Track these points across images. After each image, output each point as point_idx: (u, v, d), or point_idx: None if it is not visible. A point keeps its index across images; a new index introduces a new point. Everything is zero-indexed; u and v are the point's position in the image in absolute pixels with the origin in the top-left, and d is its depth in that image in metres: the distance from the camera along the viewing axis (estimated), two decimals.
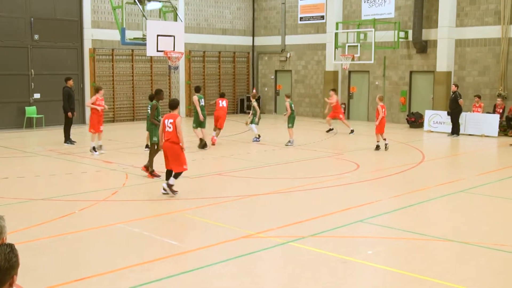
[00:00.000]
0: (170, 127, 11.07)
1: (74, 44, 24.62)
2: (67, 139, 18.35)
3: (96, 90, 17.25)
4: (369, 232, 9.18)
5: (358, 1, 26.94)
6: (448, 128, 21.74)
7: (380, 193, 12.10)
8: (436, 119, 22.70)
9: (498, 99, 21.96)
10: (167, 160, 11.28)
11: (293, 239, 8.57)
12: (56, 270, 7.39)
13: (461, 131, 21.42)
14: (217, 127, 18.67)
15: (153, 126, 13.38)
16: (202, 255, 7.90)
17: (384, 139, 17.69)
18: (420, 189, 12.42)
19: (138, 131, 18.45)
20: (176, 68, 19.61)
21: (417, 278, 7.08)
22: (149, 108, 13.94)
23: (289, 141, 18.47)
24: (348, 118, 27.44)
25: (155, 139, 13.22)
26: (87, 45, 24.91)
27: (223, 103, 18.96)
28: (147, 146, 16.79)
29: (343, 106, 27.50)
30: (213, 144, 18.31)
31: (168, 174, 11.48)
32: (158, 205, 10.87)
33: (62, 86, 18.94)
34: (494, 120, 21.20)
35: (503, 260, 7.87)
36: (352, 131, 21.70)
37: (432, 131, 22.57)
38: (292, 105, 18.57)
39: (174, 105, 11.33)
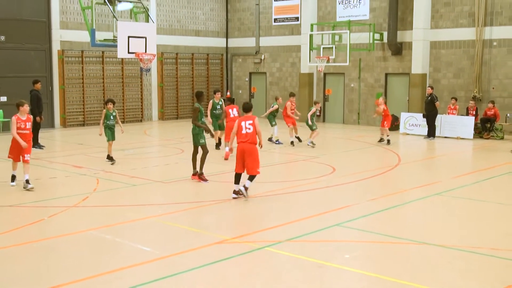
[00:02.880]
0: (250, 128, 11.30)
1: (42, 46, 24.32)
2: (36, 144, 18.08)
3: (16, 106, 12.61)
4: (346, 236, 9.23)
5: (333, 3, 27.11)
6: (424, 130, 22.01)
7: (357, 197, 12.17)
8: (412, 121, 22.95)
9: (471, 102, 22.29)
10: (241, 162, 11.39)
11: (269, 244, 8.56)
12: (23, 280, 7.25)
13: (437, 134, 21.70)
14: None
15: (199, 128, 13.23)
16: (175, 261, 7.84)
17: (387, 135, 19.80)
18: (396, 192, 12.54)
19: None
20: (148, 70, 19.47)
21: (395, 282, 7.12)
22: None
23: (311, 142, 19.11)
24: (323, 121, 27.62)
25: (202, 141, 13.27)
26: (56, 47, 24.61)
27: (233, 112, 16.88)
28: (108, 157, 15.70)
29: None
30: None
31: (238, 177, 11.52)
32: (130, 211, 10.77)
33: (30, 89, 18.67)
34: (469, 123, 21.49)
35: (480, 263, 7.96)
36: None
37: (407, 134, 22.82)
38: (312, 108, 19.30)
39: (248, 108, 11.69)
